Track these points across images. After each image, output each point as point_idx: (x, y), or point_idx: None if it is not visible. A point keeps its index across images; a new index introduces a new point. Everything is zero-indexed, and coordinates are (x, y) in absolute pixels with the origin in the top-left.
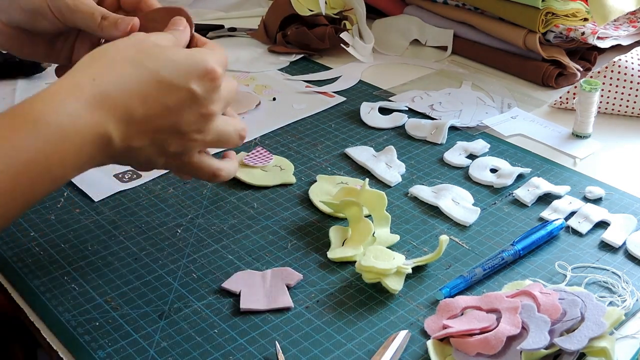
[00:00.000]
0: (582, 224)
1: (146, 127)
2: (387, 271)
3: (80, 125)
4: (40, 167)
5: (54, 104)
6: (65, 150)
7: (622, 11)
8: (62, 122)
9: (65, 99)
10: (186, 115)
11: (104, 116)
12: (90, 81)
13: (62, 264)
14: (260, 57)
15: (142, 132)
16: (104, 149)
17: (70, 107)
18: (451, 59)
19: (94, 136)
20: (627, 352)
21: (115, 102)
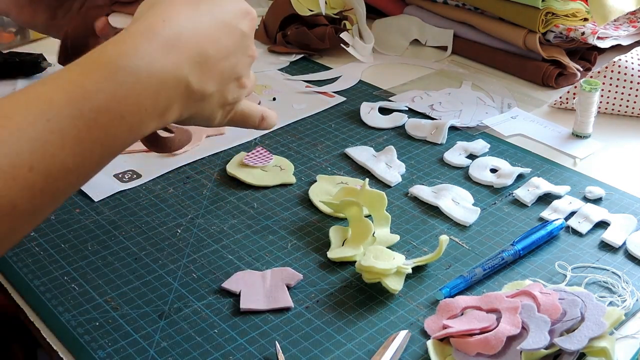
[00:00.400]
0: (582, 224)
1: (214, 71)
2: (387, 271)
3: (156, 69)
4: (114, 112)
5: (126, 47)
6: (141, 94)
7: (622, 11)
8: (136, 65)
9: (139, 42)
10: (240, 56)
11: (180, 58)
12: (161, 23)
13: (62, 264)
14: (260, 57)
15: (212, 75)
16: (184, 94)
17: (144, 50)
18: (451, 59)
19: (171, 79)
20: (627, 352)
21: (189, 43)
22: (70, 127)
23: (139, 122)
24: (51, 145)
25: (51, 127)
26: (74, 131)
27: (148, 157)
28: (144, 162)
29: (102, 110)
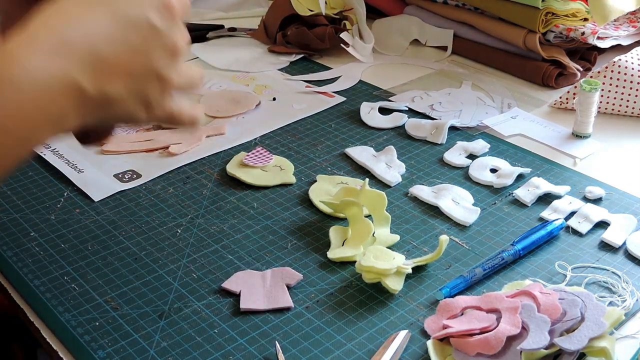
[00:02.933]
0: (582, 224)
1: (117, 70)
2: (387, 271)
3: (40, 76)
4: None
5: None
6: (25, 105)
7: (622, 11)
8: (17, 74)
9: (20, 51)
10: (154, 52)
11: (67, 62)
12: (47, 30)
13: (62, 264)
14: (260, 57)
15: (113, 75)
16: (77, 98)
17: (25, 58)
18: (451, 59)
19: (58, 85)
20: (627, 352)
21: (76, 45)
22: None
23: (28, 134)
24: None
25: None
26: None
27: (148, 157)
28: (144, 162)
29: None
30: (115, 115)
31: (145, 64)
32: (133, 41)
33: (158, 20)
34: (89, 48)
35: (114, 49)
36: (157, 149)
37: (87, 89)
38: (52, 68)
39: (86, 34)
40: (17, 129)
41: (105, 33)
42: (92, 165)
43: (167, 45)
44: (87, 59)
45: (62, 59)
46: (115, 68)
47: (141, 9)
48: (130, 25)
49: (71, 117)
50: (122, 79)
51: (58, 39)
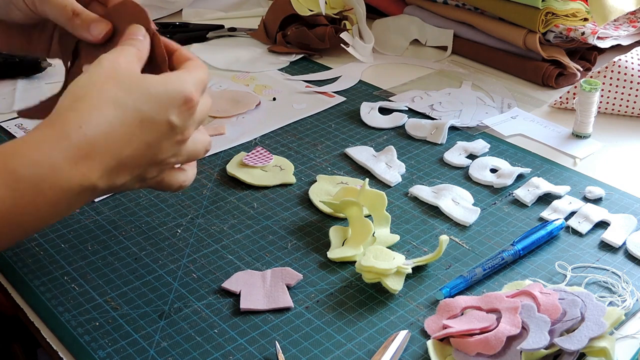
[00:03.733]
0: (582, 224)
1: (128, 167)
2: (387, 271)
3: (61, 180)
4: (12, 221)
5: (35, 154)
6: (41, 205)
7: (622, 11)
8: (41, 175)
9: (49, 150)
10: (164, 146)
11: (90, 167)
12: (77, 129)
13: (62, 264)
14: (260, 57)
15: (124, 170)
16: (86, 197)
17: (53, 160)
18: (451, 59)
19: (76, 188)
20: (627, 352)
21: (102, 150)
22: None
23: (36, 227)
24: None
25: None
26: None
27: None
28: None
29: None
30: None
31: (153, 156)
32: (149, 139)
33: (177, 120)
34: (112, 154)
35: (132, 149)
36: None
37: (101, 187)
38: (75, 173)
39: (113, 138)
40: (29, 223)
41: (128, 135)
42: None
43: (177, 139)
44: (108, 165)
45: (86, 164)
46: (126, 167)
47: (165, 111)
48: (151, 126)
49: (73, 209)
50: (130, 171)
51: (86, 141)
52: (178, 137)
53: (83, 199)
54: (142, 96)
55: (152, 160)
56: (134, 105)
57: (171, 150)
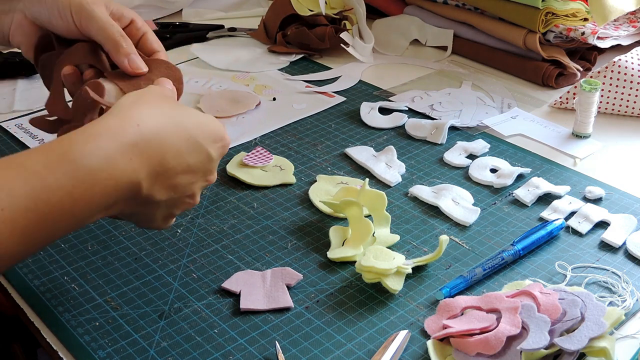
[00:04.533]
0: (582, 224)
1: (169, 182)
2: (387, 271)
3: (117, 171)
4: (66, 209)
5: (94, 145)
6: (95, 194)
7: (622, 11)
8: (98, 165)
9: (106, 143)
10: (199, 178)
11: (140, 164)
12: (135, 126)
13: (62, 264)
14: (260, 57)
15: (165, 185)
16: (130, 196)
17: (109, 151)
18: (451, 59)
19: (125, 182)
20: (627, 352)
21: (153, 151)
22: (21, 218)
23: (86, 217)
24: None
25: (4, 217)
26: (25, 222)
27: None
28: None
29: (56, 205)
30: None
31: (189, 185)
32: (190, 162)
33: (214, 153)
34: (162, 157)
35: (176, 163)
36: None
37: (143, 190)
38: (127, 167)
39: (164, 143)
40: (82, 212)
41: (176, 148)
42: None
43: (209, 175)
44: (156, 167)
45: (138, 161)
46: (168, 181)
47: (208, 136)
48: (195, 149)
49: (119, 206)
50: (168, 190)
51: (141, 139)
52: (208, 175)
53: (127, 198)
54: (193, 120)
55: (186, 188)
56: (186, 123)
57: (199, 188)
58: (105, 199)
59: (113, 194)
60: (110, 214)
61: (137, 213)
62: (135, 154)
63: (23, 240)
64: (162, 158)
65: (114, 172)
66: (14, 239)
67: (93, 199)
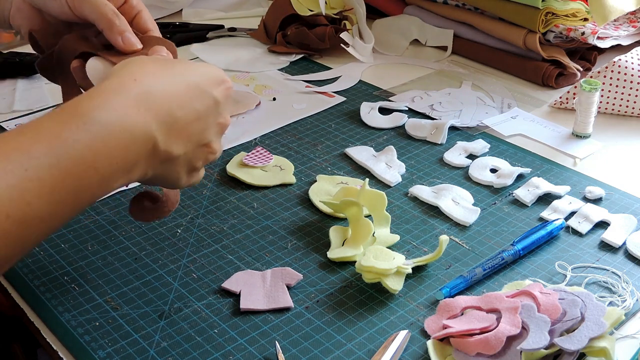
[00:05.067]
0: (582, 224)
1: (182, 133)
2: (387, 271)
3: (128, 123)
4: (88, 164)
5: (101, 100)
6: (113, 147)
7: (622, 11)
8: (109, 118)
9: (112, 97)
10: (210, 123)
11: (149, 116)
12: (132, 81)
13: (62, 264)
14: (260, 57)
15: (179, 137)
16: (150, 151)
17: (117, 105)
18: (451, 59)
19: (140, 135)
20: (627, 352)
21: (158, 102)
22: (47, 175)
23: (109, 175)
24: (28, 193)
25: (29, 176)
26: (50, 180)
27: None
28: None
29: (78, 159)
30: (167, 175)
31: (202, 132)
32: (198, 108)
33: (219, 95)
34: (168, 107)
35: (184, 112)
36: None
37: (160, 144)
38: (138, 118)
39: (165, 94)
40: (104, 167)
41: (179, 97)
42: None
43: (220, 119)
44: (164, 117)
45: (145, 111)
46: (181, 131)
47: (208, 80)
48: (198, 94)
49: (141, 167)
50: (184, 141)
51: (143, 91)
52: (220, 118)
53: (147, 153)
54: (189, 69)
55: (200, 136)
56: (182, 72)
57: (216, 134)
58: (124, 155)
59: (132, 149)
60: (134, 178)
61: (161, 174)
62: (142, 106)
63: (52, 199)
64: (168, 109)
65: (125, 124)
66: (43, 198)
67: (112, 153)
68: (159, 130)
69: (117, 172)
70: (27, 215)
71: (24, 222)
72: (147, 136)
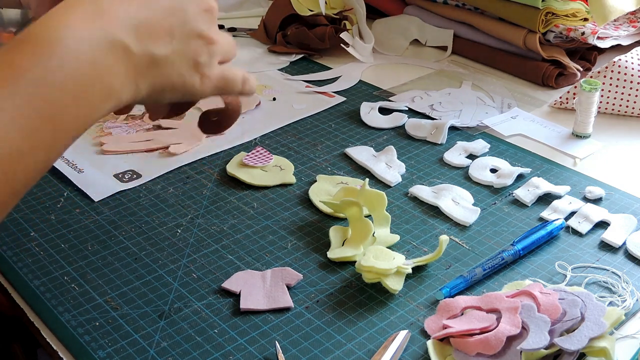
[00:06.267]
0: (582, 224)
1: (158, 30)
2: (387, 271)
3: (84, 36)
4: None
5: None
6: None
7: (622, 11)
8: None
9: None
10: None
11: (108, 24)
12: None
13: (62, 264)
14: (260, 57)
15: (156, 36)
16: (125, 58)
17: (66, 21)
18: (451, 59)
19: (104, 44)
20: (627, 352)
21: (114, 11)
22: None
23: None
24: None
25: None
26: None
27: (148, 157)
28: (144, 162)
29: (40, 83)
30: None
31: (183, 23)
32: (165, 2)
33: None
34: (126, 13)
35: (150, 11)
36: (157, 149)
37: (132, 48)
38: (94, 28)
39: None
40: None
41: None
42: (92, 165)
43: (203, 5)
44: (127, 22)
45: (103, 21)
46: (154, 29)
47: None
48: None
49: (127, 82)
50: (164, 39)
51: (96, 6)
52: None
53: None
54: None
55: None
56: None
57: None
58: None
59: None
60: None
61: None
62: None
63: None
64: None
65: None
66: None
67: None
68: (126, 33)
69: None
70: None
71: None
72: (113, 43)
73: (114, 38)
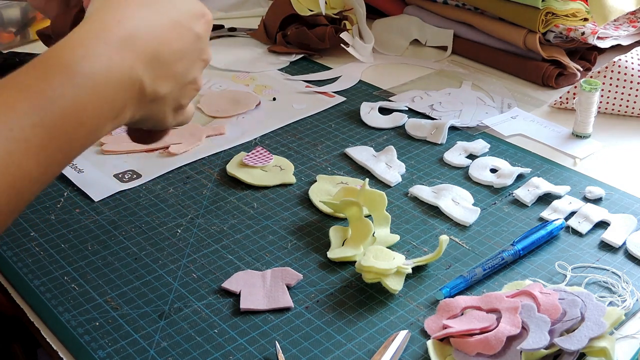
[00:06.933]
0: (582, 224)
1: (168, 72)
2: (387, 271)
3: (113, 71)
4: (75, 117)
5: (83, 50)
6: (99, 98)
7: (622, 11)
8: (94, 68)
9: (95, 44)
10: (194, 60)
11: (134, 59)
12: (116, 23)
13: (62, 264)
14: (260, 57)
15: (165, 76)
16: (137, 95)
17: (100, 52)
18: (451, 59)
19: (127, 80)
20: (627, 352)
21: (142, 43)
22: (32, 135)
23: (97, 125)
24: (16, 154)
25: (15, 136)
26: (37, 139)
27: (148, 157)
28: (144, 162)
29: (64, 116)
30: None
31: (187, 69)
32: (181, 46)
33: (201, 30)
34: (151, 47)
35: (169, 51)
36: (157, 149)
37: (146, 86)
38: (123, 64)
39: (150, 35)
40: (91, 119)
41: (162, 34)
42: (92, 165)
43: (203, 55)
44: (150, 59)
45: (130, 55)
46: (165, 70)
47: (189, 16)
48: (180, 30)
49: (129, 111)
50: (170, 81)
51: (127, 34)
52: (203, 55)
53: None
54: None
55: (186, 74)
56: (163, 11)
57: (198, 70)
58: (112, 103)
59: (119, 96)
60: (121, 122)
61: (147, 116)
62: (127, 50)
63: (42, 159)
64: (153, 49)
65: (110, 72)
66: (31, 158)
67: (99, 103)
68: (145, 72)
69: (104, 121)
70: (17, 177)
71: (14, 185)
72: (133, 80)
73: (136, 76)
